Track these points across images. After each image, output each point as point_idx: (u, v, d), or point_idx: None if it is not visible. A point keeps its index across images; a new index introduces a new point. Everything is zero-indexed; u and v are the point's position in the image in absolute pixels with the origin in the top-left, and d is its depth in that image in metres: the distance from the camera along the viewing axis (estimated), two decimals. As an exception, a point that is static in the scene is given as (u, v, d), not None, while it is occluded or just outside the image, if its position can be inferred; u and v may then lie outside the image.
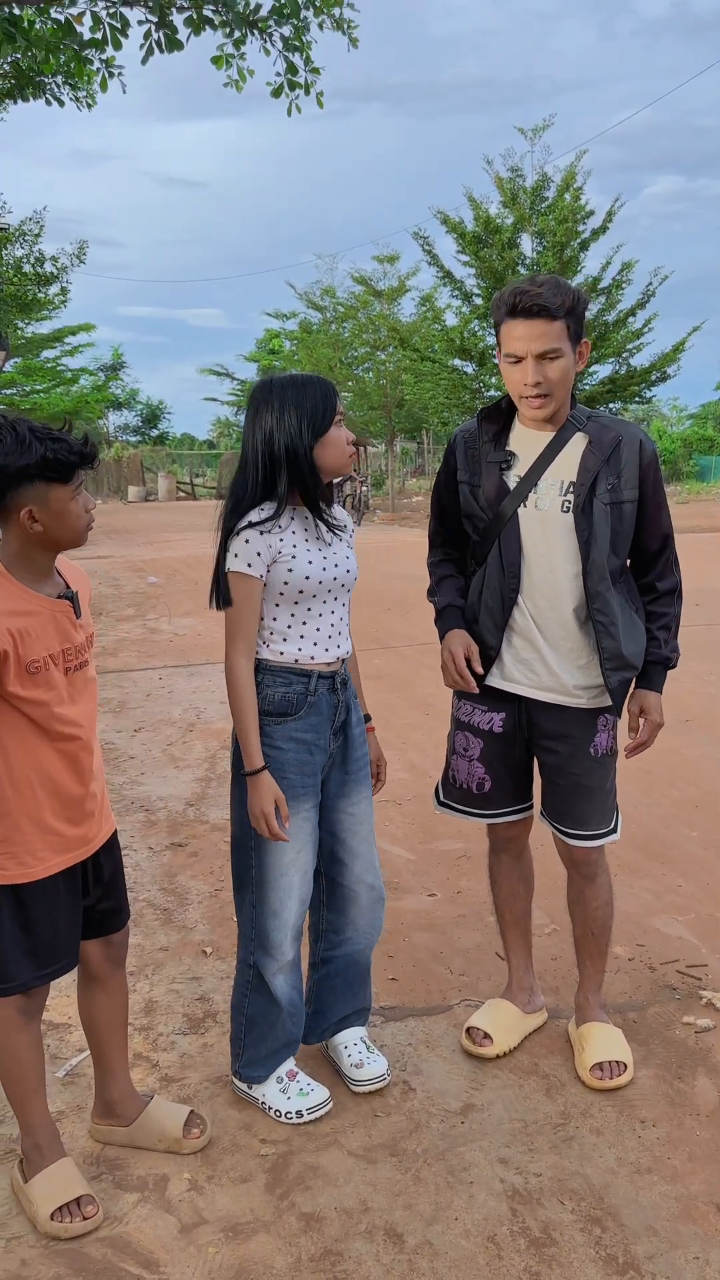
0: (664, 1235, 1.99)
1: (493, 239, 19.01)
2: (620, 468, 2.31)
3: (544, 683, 2.41)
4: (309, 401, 2.18)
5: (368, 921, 2.49)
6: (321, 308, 28.57)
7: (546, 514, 2.34)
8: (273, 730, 2.25)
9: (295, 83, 6.74)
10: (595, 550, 2.30)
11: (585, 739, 2.43)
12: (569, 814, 2.48)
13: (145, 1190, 2.13)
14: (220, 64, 6.57)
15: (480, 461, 2.41)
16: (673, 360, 19.57)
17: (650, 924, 3.28)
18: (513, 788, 2.56)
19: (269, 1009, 2.35)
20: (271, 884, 2.29)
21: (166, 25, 6.22)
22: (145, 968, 3.03)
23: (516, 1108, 2.38)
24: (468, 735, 2.55)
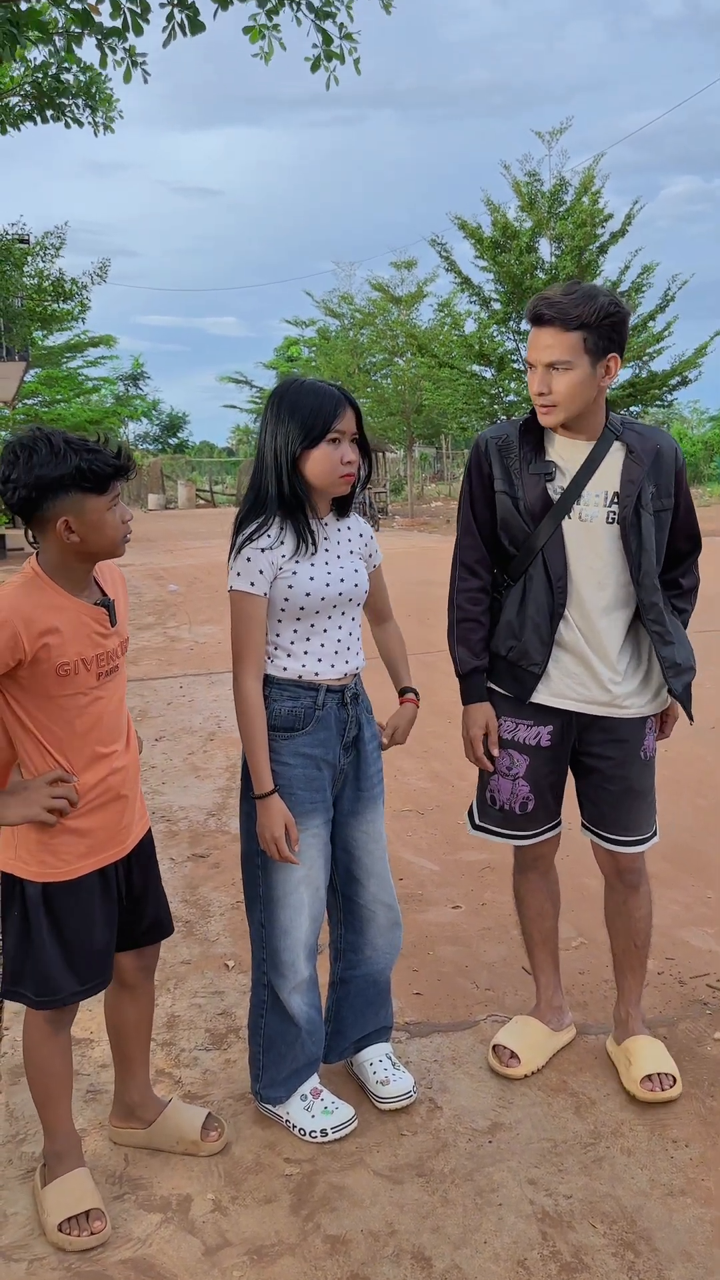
0: (699, 1260, 1.94)
1: (511, 244, 18.97)
2: (660, 476, 2.32)
3: (595, 696, 2.38)
4: (303, 410, 2.13)
5: (386, 942, 2.44)
6: (340, 314, 28.62)
7: (592, 526, 2.31)
8: (280, 745, 2.20)
9: (332, 53, 6.60)
10: (645, 561, 2.29)
11: (636, 743, 2.43)
12: (619, 820, 2.45)
13: (169, 1210, 2.09)
14: (254, 36, 6.43)
15: (520, 472, 2.35)
16: (694, 364, 19.47)
17: (679, 936, 3.22)
18: (553, 804, 2.53)
19: (287, 1029, 2.30)
20: (280, 902, 2.24)
21: (188, 7, 6.08)
22: (167, 981, 3.00)
23: (545, 1127, 2.33)
24: (512, 754, 2.47)
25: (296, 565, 2.18)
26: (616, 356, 2.24)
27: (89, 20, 6.22)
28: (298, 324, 35.63)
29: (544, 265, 19.17)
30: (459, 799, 4.55)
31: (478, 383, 20.71)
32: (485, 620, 2.48)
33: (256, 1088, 2.35)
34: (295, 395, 2.16)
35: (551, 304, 2.18)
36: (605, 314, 2.18)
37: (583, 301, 2.16)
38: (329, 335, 29.47)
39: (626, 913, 2.53)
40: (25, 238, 17.72)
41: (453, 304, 24.29)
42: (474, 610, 2.48)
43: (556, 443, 2.36)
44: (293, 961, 2.27)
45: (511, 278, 19.04)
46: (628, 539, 2.28)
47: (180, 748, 5.47)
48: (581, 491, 2.31)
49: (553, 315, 2.18)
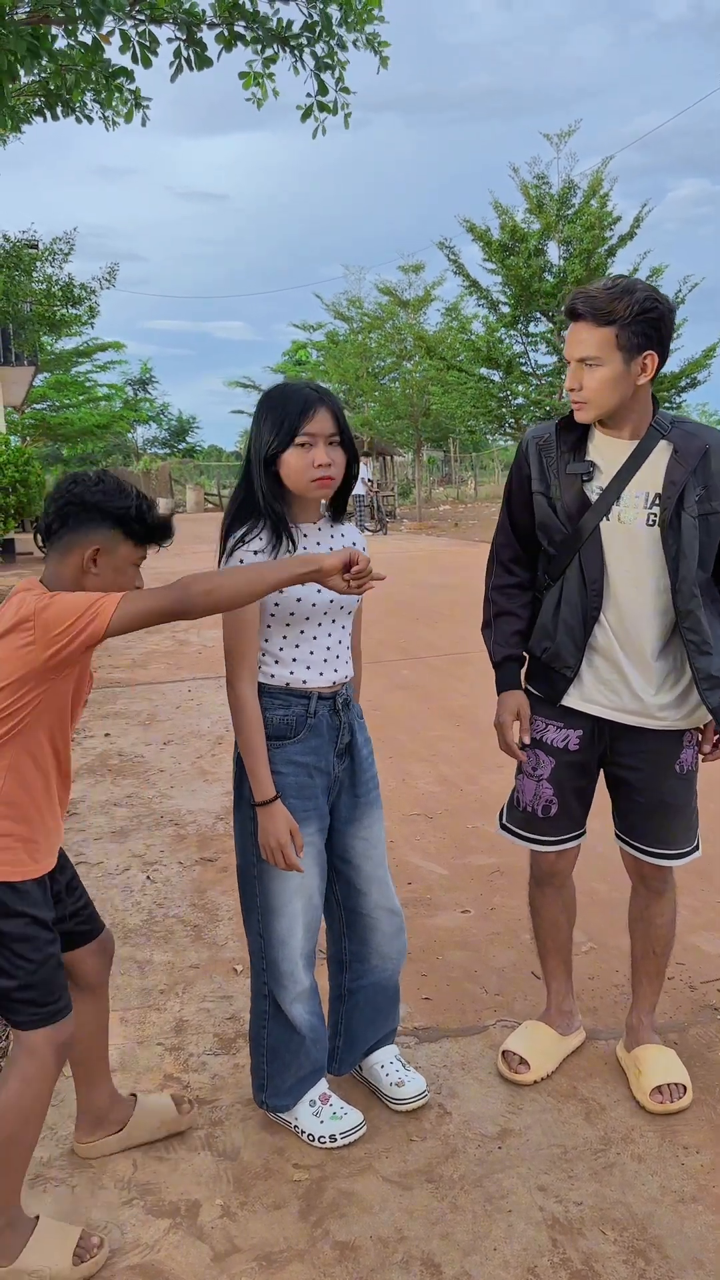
0: (710, 1268, 1.93)
1: (519, 247, 18.96)
2: (709, 477, 2.21)
3: (626, 705, 2.32)
4: (275, 413, 2.12)
5: (392, 948, 2.42)
6: (348, 318, 28.65)
7: (630, 528, 2.23)
8: (272, 754, 2.17)
9: (324, 105, 6.70)
10: (684, 566, 2.20)
11: (670, 756, 2.36)
12: (651, 832, 2.41)
13: (177, 1216, 2.09)
14: (248, 82, 6.54)
15: (558, 471, 2.31)
16: (703, 366, 19.42)
17: (690, 941, 3.21)
18: (579, 813, 2.49)
19: (290, 1037, 2.28)
20: (277, 912, 2.22)
21: (196, 43, 6.21)
22: (175, 986, 2.99)
23: (555, 1133, 2.32)
24: (538, 754, 2.45)
25: None
26: (653, 354, 2.16)
27: (97, 55, 6.29)
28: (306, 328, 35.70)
29: (552, 268, 19.15)
30: (467, 803, 4.54)
31: (486, 386, 20.69)
32: (522, 614, 2.44)
33: (261, 1098, 2.33)
34: (270, 398, 2.15)
35: (586, 298, 2.14)
36: (640, 310, 2.11)
37: (617, 297, 2.11)
38: (337, 339, 29.48)
39: (648, 919, 2.51)
40: (34, 243, 17.78)
41: (460, 307, 24.30)
42: (508, 604, 2.46)
43: (597, 441, 2.29)
44: (291, 971, 2.25)
45: (519, 281, 19.02)
46: (667, 542, 2.20)
47: (188, 751, 5.47)
48: (621, 493, 2.24)
49: (586, 310, 2.13)
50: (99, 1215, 2.09)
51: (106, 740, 5.74)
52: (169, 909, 3.51)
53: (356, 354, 27.50)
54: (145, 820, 4.39)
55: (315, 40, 6.41)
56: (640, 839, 2.44)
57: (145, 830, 4.27)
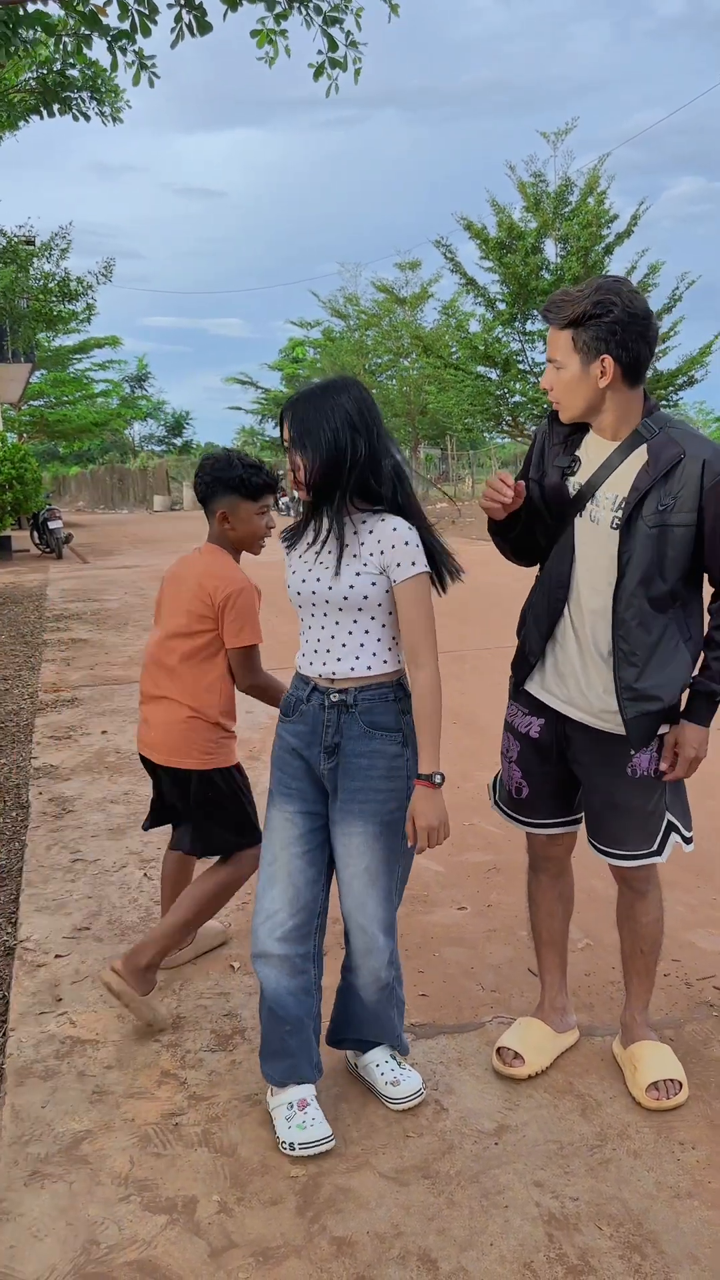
0: (706, 1264, 1.93)
1: (516, 245, 18.96)
2: (677, 488, 2.15)
3: (574, 700, 2.34)
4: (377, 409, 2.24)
5: (362, 965, 2.35)
6: (345, 315, 28.63)
7: (599, 527, 2.24)
8: (280, 726, 2.38)
9: (336, 60, 6.64)
10: (629, 574, 2.18)
11: (620, 759, 2.33)
12: (603, 831, 2.42)
13: (174, 1212, 2.09)
14: (262, 40, 6.46)
15: (550, 462, 2.34)
16: (699, 364, 19.43)
17: (686, 938, 3.22)
18: (552, 799, 2.49)
19: (265, 1007, 2.34)
20: (262, 872, 2.36)
21: (196, 8, 6.10)
22: (173, 983, 3.00)
23: (551, 1129, 2.33)
24: (510, 737, 2.52)
25: (292, 561, 2.35)
26: (609, 358, 2.12)
27: (96, 22, 6.23)
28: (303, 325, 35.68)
29: (549, 266, 19.16)
30: (464, 800, 4.54)
31: (483, 384, 20.69)
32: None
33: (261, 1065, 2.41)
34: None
35: (552, 302, 2.18)
36: (593, 313, 2.09)
37: (576, 300, 2.12)
38: (334, 336, 29.47)
39: (634, 917, 2.51)
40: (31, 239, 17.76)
41: (457, 305, 24.29)
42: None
43: (589, 438, 2.30)
44: (256, 928, 2.33)
45: (517, 279, 19.03)
46: (621, 546, 2.19)
47: (186, 749, 5.46)
48: (595, 492, 2.25)
49: (549, 313, 2.18)
50: (96, 1212, 2.09)
51: (104, 738, 5.74)
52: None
53: (353, 351, 27.50)
54: (142, 817, 4.38)
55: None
56: (596, 838, 2.44)
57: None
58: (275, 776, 2.35)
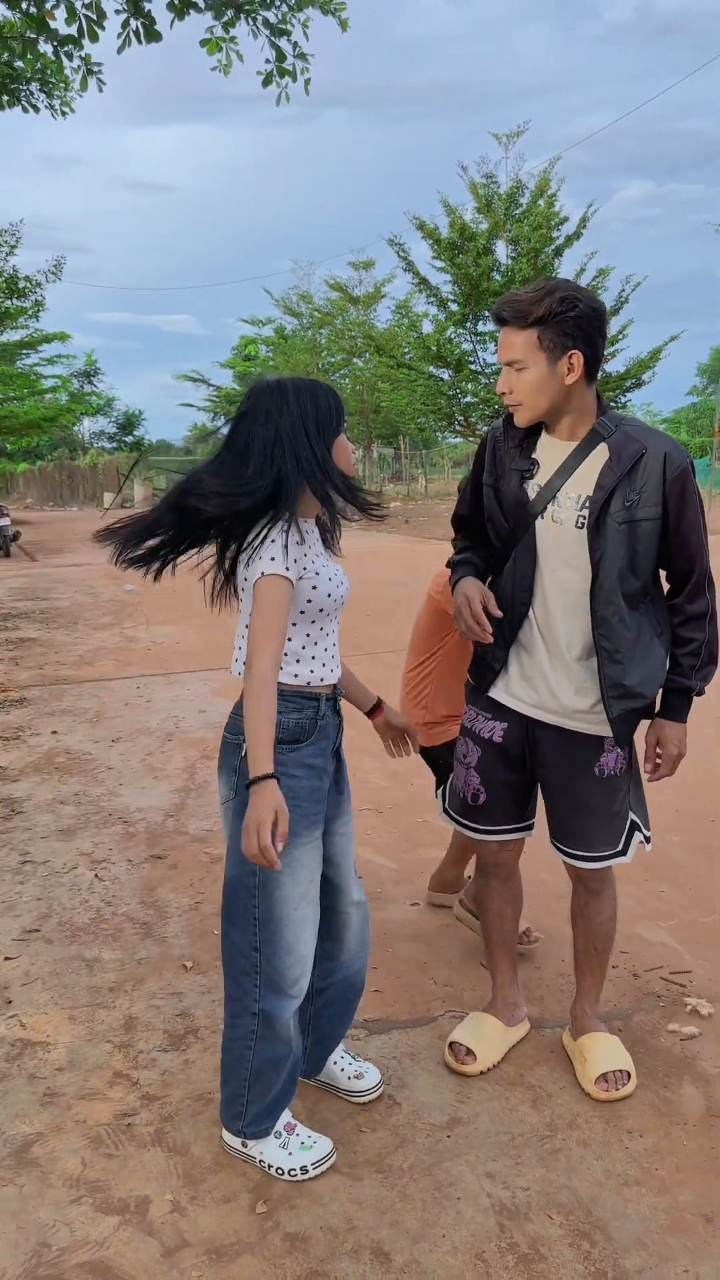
0: (653, 1248, 1.97)
1: (468, 245, 19.07)
2: (641, 483, 2.17)
3: (544, 703, 2.35)
4: (322, 403, 2.09)
5: (359, 943, 2.40)
6: (298, 314, 28.59)
7: (563, 528, 2.24)
8: (285, 758, 2.09)
9: (285, 70, 6.64)
10: (605, 572, 2.18)
11: (589, 760, 2.35)
12: (571, 834, 2.42)
13: (127, 1213, 2.08)
14: (212, 48, 6.44)
15: (505, 466, 2.33)
16: (648, 366, 19.71)
17: (634, 931, 3.27)
18: (511, 805, 2.50)
19: (279, 1056, 2.18)
20: (283, 920, 2.12)
21: (144, 15, 6.07)
22: (125, 983, 2.98)
23: (503, 1120, 2.36)
24: (469, 742, 2.51)
25: (318, 565, 2.10)
26: (578, 353, 2.14)
27: (44, 26, 6.17)
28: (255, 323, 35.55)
29: (501, 267, 19.30)
30: (417, 797, 4.57)
31: (435, 384, 20.79)
32: (476, 559, 2.44)
33: (239, 1126, 2.21)
34: (306, 392, 2.13)
35: (509, 302, 2.15)
36: (559, 309, 2.11)
37: (537, 299, 2.11)
38: (286, 335, 29.41)
39: (588, 916, 2.54)
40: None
41: (410, 305, 24.38)
42: (468, 553, 2.47)
43: (543, 440, 2.30)
44: (299, 978, 2.17)
45: (469, 279, 19.15)
46: (592, 546, 2.19)
47: (137, 748, 5.43)
48: (557, 493, 2.24)
49: (509, 313, 2.15)
50: (47, 1214, 2.08)
51: (53, 738, 5.68)
52: (118, 907, 3.49)
53: (306, 350, 27.46)
54: (93, 818, 4.35)
55: (269, 5, 6.35)
56: (561, 840, 2.46)
57: (93, 828, 4.23)
58: (302, 810, 2.10)
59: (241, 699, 2.12)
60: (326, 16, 6.51)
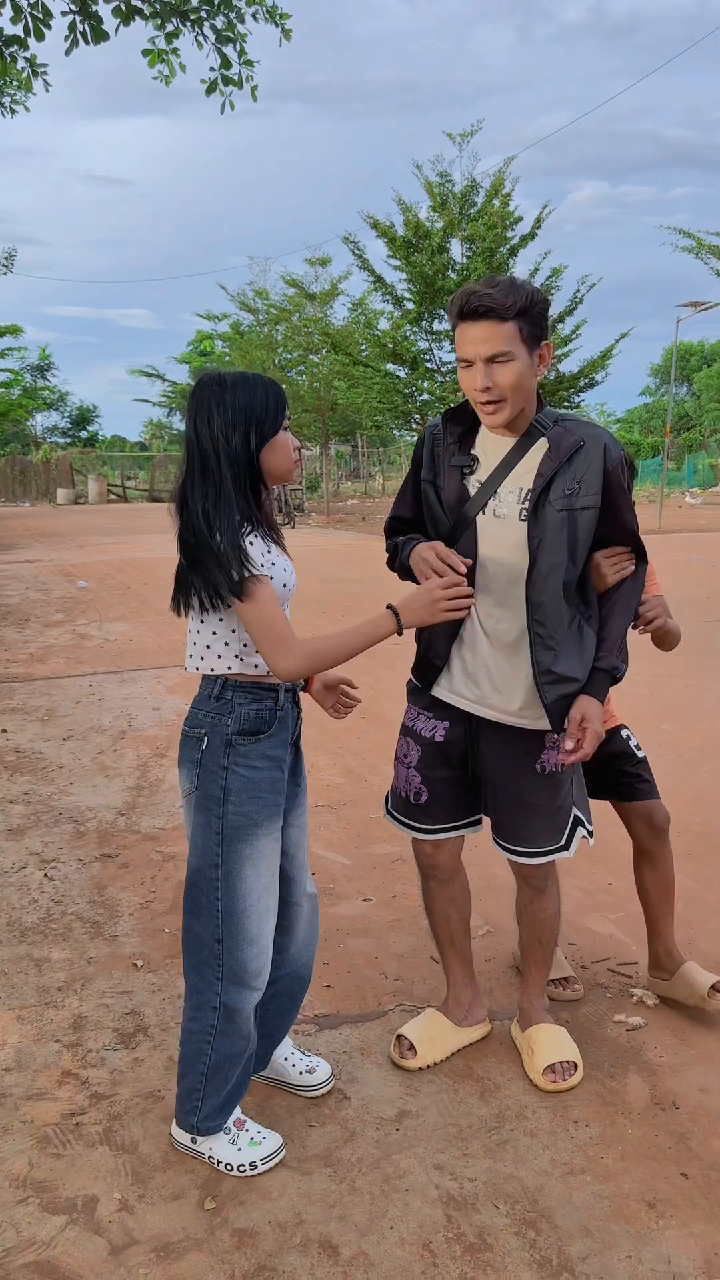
0: (597, 1235, 2.00)
1: (423, 244, 19.12)
2: (581, 473, 2.20)
3: (488, 699, 2.35)
4: (259, 400, 2.06)
5: (307, 934, 2.41)
6: (254, 310, 28.47)
7: (505, 523, 2.25)
8: (247, 749, 2.12)
9: (229, 78, 6.60)
10: (544, 559, 2.20)
11: (530, 755, 2.36)
12: (513, 831, 2.43)
13: (74, 1212, 2.07)
14: (154, 60, 6.40)
15: (444, 463, 2.33)
16: (601, 366, 19.90)
17: (581, 923, 3.31)
18: (452, 803, 2.50)
19: (237, 1048, 2.20)
20: (246, 912, 2.15)
21: (91, 16, 6.04)
22: (74, 982, 2.96)
23: (451, 1112, 2.38)
24: (409, 741, 2.50)
25: (275, 557, 2.10)
26: (549, 344, 2.19)
27: None
28: (210, 318, 35.35)
29: (456, 266, 19.37)
30: (371, 794, 4.59)
31: (392, 382, 20.82)
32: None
33: (193, 1121, 2.21)
34: (243, 387, 2.10)
35: (485, 296, 2.09)
36: (535, 302, 2.12)
37: (513, 291, 2.10)
38: (242, 330, 29.26)
39: (533, 912, 2.55)
40: None
41: (366, 303, 24.37)
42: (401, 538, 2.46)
43: (483, 435, 2.30)
44: (261, 970, 2.19)
45: (424, 278, 19.19)
46: (531, 532, 2.21)
47: (89, 747, 5.39)
48: (498, 488, 2.26)
49: (488, 306, 2.09)
50: (-7, 1215, 2.06)
51: (3, 737, 5.61)
52: (67, 906, 3.46)
53: (263, 346, 27.36)
54: (43, 817, 4.31)
55: (215, 13, 6.32)
56: (502, 835, 2.47)
57: (43, 827, 4.20)
58: (264, 801, 2.13)
59: (201, 696, 2.18)
60: (271, 26, 6.51)
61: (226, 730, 2.12)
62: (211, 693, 2.15)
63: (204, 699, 2.16)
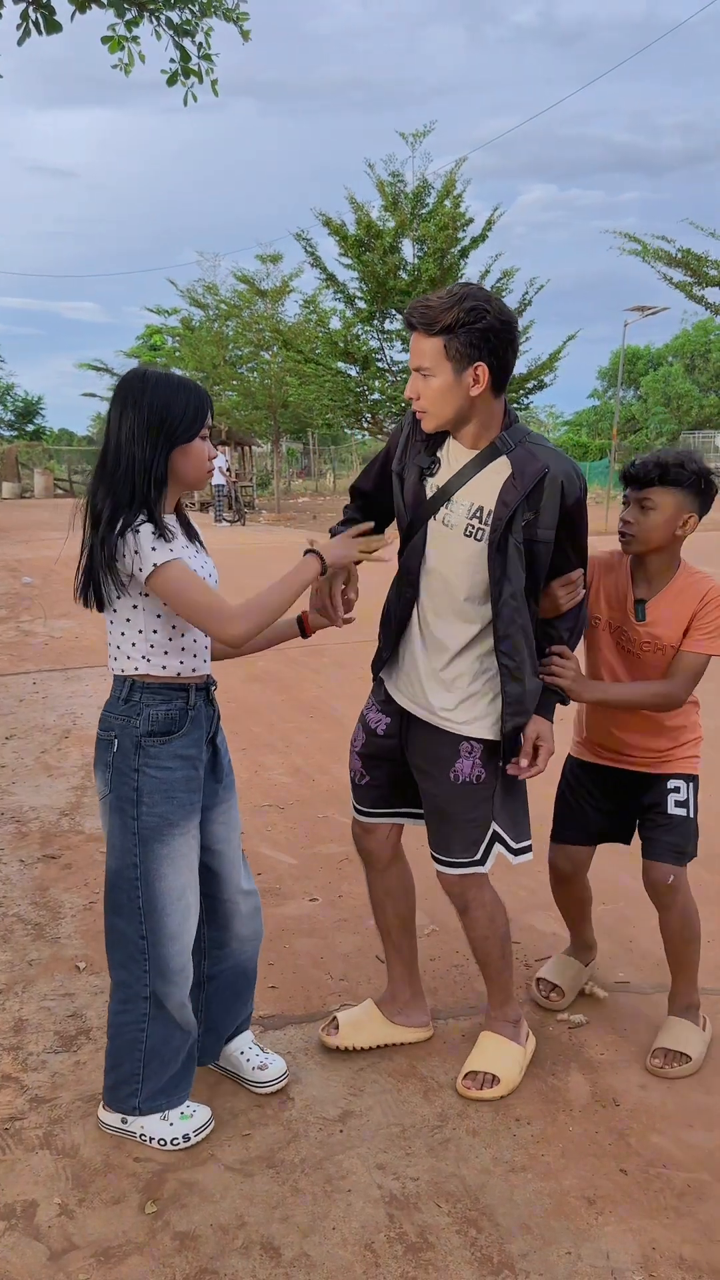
0: (537, 1232, 2.02)
1: (375, 243, 19.12)
2: (540, 504, 2.19)
3: (416, 697, 2.39)
4: (178, 404, 2.06)
5: (250, 930, 2.45)
6: (204, 305, 28.25)
7: (452, 533, 2.26)
8: (158, 750, 2.14)
9: (190, 70, 6.54)
10: (507, 589, 2.21)
11: (446, 763, 2.36)
12: (431, 834, 2.44)
13: (13, 1218, 2.05)
14: (114, 47, 6.31)
15: (411, 458, 2.33)
16: (549, 368, 20.07)
17: (526, 921, 3.34)
18: (387, 790, 2.54)
19: (172, 1035, 2.26)
20: (167, 910, 2.18)
21: (44, 7, 5.95)
22: (15, 985, 2.92)
23: (394, 1112, 2.39)
24: (360, 728, 2.56)
25: (184, 555, 2.09)
26: (484, 366, 2.13)
27: None
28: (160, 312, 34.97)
29: (407, 266, 19.40)
30: (319, 793, 4.59)
31: (343, 380, 20.80)
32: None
33: (134, 1104, 2.26)
34: (165, 389, 2.10)
35: (419, 308, 2.12)
36: (466, 320, 2.08)
37: (448, 306, 2.09)
38: (193, 325, 29.01)
39: (466, 932, 2.53)
40: None
41: (318, 300, 24.31)
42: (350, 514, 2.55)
43: (450, 442, 2.30)
44: (183, 966, 2.23)
45: (375, 277, 19.18)
46: (492, 564, 2.21)
47: (32, 746, 5.32)
48: (451, 497, 2.26)
49: (417, 319, 2.12)
50: (-71, 1223, 2.02)
51: (-55, 734, 5.51)
52: (8, 908, 3.41)
53: (213, 342, 27.17)
54: (-15, 816, 4.24)
55: (172, 6, 6.26)
56: (429, 843, 2.46)
57: (-15, 827, 4.13)
58: (179, 801, 2.16)
59: (112, 698, 2.20)
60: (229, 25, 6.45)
61: (136, 732, 2.14)
62: (120, 695, 2.17)
63: (114, 701, 2.20)
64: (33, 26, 5.98)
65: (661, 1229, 2.03)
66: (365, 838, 2.61)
